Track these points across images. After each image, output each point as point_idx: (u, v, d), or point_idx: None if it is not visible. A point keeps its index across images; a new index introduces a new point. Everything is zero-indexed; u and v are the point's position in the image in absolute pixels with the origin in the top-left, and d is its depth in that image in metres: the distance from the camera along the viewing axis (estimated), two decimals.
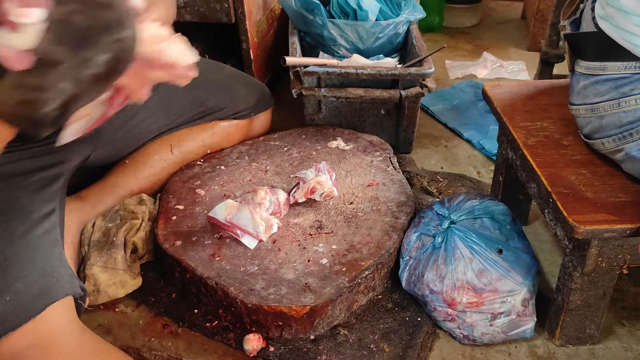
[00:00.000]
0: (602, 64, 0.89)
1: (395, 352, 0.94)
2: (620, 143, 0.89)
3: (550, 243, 1.22)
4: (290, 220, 1.09)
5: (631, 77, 0.86)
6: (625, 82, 0.87)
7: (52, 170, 0.98)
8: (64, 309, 0.79)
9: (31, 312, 0.75)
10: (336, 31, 1.49)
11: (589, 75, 0.92)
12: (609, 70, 0.88)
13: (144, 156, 1.21)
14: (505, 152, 1.14)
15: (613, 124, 0.89)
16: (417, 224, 1.05)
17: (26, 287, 0.77)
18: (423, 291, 0.97)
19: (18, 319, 0.74)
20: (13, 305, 0.75)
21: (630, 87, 0.86)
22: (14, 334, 0.74)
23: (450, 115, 1.67)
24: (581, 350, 0.99)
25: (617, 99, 0.88)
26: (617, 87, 0.87)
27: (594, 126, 0.93)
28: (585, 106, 0.93)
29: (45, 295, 0.77)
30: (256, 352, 0.94)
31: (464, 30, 2.31)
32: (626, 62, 0.86)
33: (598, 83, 0.90)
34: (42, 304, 0.76)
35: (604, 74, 0.89)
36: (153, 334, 1.00)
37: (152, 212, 1.15)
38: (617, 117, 0.88)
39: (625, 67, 0.86)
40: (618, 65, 0.87)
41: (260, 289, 0.94)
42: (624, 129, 0.88)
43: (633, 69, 0.85)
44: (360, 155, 1.28)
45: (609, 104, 0.89)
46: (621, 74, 0.87)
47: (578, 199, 0.87)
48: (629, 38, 0.84)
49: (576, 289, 0.91)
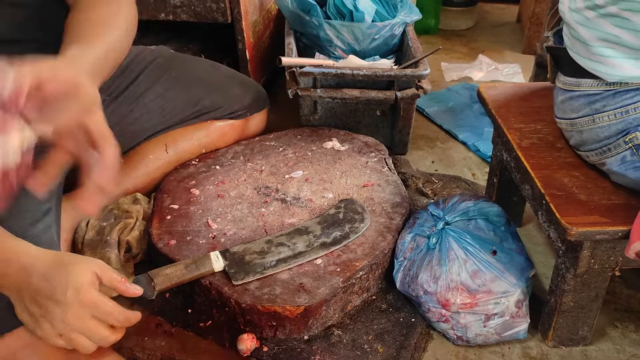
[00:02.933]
0: (576, 80, 0.90)
1: (389, 352, 0.94)
2: (602, 157, 0.90)
3: (543, 245, 1.22)
4: (284, 220, 1.09)
5: (602, 93, 0.87)
6: (597, 99, 0.87)
7: None
8: None
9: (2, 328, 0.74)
10: (332, 32, 1.49)
11: (565, 91, 0.93)
12: (582, 87, 0.89)
13: (139, 155, 1.21)
14: (499, 153, 1.14)
15: (592, 139, 0.90)
16: (411, 225, 1.05)
17: None
18: (417, 292, 0.98)
19: (16, 319, 0.73)
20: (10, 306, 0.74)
21: (602, 103, 0.87)
22: (10, 334, 0.73)
23: (445, 117, 1.68)
24: (574, 351, 0.99)
25: (591, 115, 0.89)
26: (590, 103, 0.88)
27: (577, 140, 0.94)
28: (565, 120, 0.95)
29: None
30: (250, 352, 0.94)
31: (460, 33, 2.32)
32: (597, 80, 0.87)
33: (573, 99, 0.91)
34: (8, 328, 0.75)
35: (578, 90, 0.90)
36: (146, 333, 0.99)
37: (147, 212, 1.15)
38: (595, 133, 0.89)
39: (597, 85, 0.87)
40: (589, 82, 0.88)
41: (254, 289, 0.94)
42: (603, 144, 0.89)
43: (604, 86, 0.87)
44: (355, 156, 1.29)
45: (584, 119, 0.90)
46: (593, 91, 0.88)
47: (571, 201, 0.88)
48: (591, 65, 0.86)
49: (569, 291, 0.92)
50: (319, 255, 0.99)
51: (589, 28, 0.85)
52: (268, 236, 1.04)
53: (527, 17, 2.15)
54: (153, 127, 1.22)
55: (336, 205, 1.11)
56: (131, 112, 1.18)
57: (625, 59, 0.83)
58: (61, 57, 0.67)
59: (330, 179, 1.21)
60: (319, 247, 1.01)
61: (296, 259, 0.98)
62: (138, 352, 0.95)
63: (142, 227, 1.11)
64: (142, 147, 1.22)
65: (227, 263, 0.96)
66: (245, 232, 1.06)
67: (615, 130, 0.86)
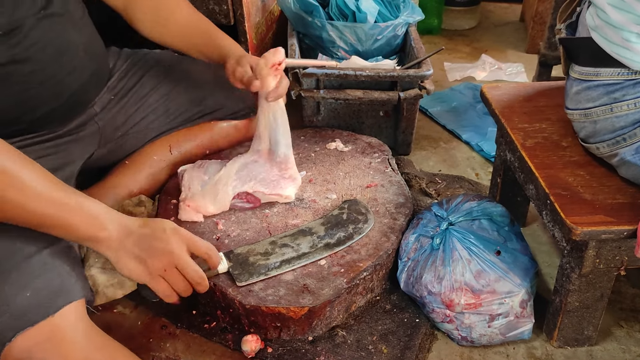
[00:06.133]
0: (595, 69, 0.90)
1: (394, 353, 0.94)
2: (615, 148, 0.90)
3: (548, 245, 1.22)
4: (288, 221, 1.09)
5: (623, 82, 0.87)
6: (617, 88, 0.87)
7: (61, 172, 0.99)
8: (78, 309, 0.80)
9: (50, 309, 0.76)
10: (335, 33, 1.49)
11: (582, 81, 0.92)
12: (601, 76, 0.89)
13: (143, 157, 1.22)
14: (503, 153, 1.14)
15: (606, 129, 0.90)
16: (415, 226, 1.05)
17: (46, 284, 0.77)
18: (421, 292, 0.98)
19: (37, 315, 0.75)
20: (33, 301, 0.75)
21: (622, 92, 0.87)
22: (31, 328, 0.75)
23: (448, 117, 1.67)
24: (579, 351, 0.99)
25: (610, 104, 0.88)
26: (608, 92, 0.88)
27: (589, 131, 0.93)
28: (579, 111, 0.94)
29: (64, 293, 0.78)
30: (254, 353, 0.94)
31: (463, 33, 2.31)
32: (618, 69, 0.87)
33: (590, 89, 0.91)
34: (61, 302, 0.77)
35: (597, 79, 0.89)
36: (151, 335, 0.99)
37: (151, 214, 1.15)
38: (610, 122, 0.89)
39: (618, 74, 0.87)
40: (610, 72, 0.88)
41: (259, 290, 0.94)
42: (617, 134, 0.88)
43: (625, 75, 0.86)
44: (358, 157, 1.29)
45: (601, 109, 0.89)
46: (613, 80, 0.87)
47: (576, 200, 0.88)
48: (618, 50, 0.85)
49: (574, 291, 0.92)
50: (323, 256, 0.99)
51: (623, 10, 0.83)
52: (272, 237, 1.04)
53: (530, 16, 2.14)
54: (158, 128, 1.22)
55: (340, 206, 1.11)
56: (136, 111, 1.19)
57: None
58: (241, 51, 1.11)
59: (333, 179, 1.21)
60: (322, 248, 1.01)
61: (300, 260, 0.98)
62: (143, 353, 0.95)
63: None
64: (146, 149, 1.23)
65: (231, 264, 0.96)
66: (249, 233, 1.06)
67: (632, 119, 0.86)
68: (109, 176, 1.19)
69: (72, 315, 0.78)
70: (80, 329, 0.79)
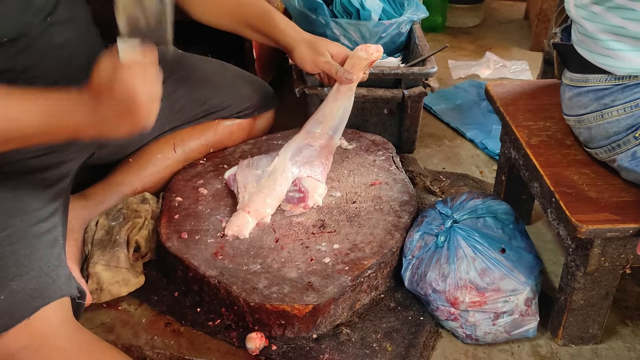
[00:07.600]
0: (584, 76, 0.90)
1: (398, 351, 0.94)
2: (612, 154, 0.89)
3: (553, 242, 1.22)
4: (293, 219, 1.09)
5: (611, 88, 0.87)
6: (606, 94, 0.87)
7: (58, 169, 0.99)
8: (60, 310, 0.78)
9: (25, 312, 0.74)
10: (339, 30, 1.49)
11: (573, 87, 0.93)
12: (590, 82, 0.89)
13: (148, 155, 1.22)
14: (507, 151, 1.14)
15: (601, 135, 0.90)
16: (419, 223, 1.05)
17: (22, 286, 0.76)
18: (426, 290, 0.97)
19: (12, 318, 0.74)
20: (7, 304, 0.74)
21: (611, 98, 0.87)
22: (7, 334, 0.73)
23: (452, 114, 1.67)
24: (584, 350, 0.99)
25: (600, 110, 0.88)
26: (598, 98, 0.88)
27: (585, 137, 0.93)
28: (573, 117, 0.94)
29: (40, 295, 0.76)
30: (259, 351, 0.94)
31: (467, 30, 2.31)
32: (605, 75, 0.87)
33: (581, 94, 0.91)
34: (38, 304, 0.76)
35: (586, 85, 0.90)
36: (156, 332, 1.00)
37: (155, 211, 1.15)
38: (604, 129, 0.88)
39: (605, 80, 0.87)
40: (598, 78, 0.88)
41: (263, 288, 0.94)
42: (612, 140, 0.88)
43: (612, 80, 0.86)
44: (363, 155, 1.28)
45: (592, 115, 0.89)
46: (601, 86, 0.87)
47: (581, 198, 0.87)
48: (600, 59, 0.86)
49: (579, 289, 0.91)
50: None
51: (596, 22, 0.85)
52: None
53: (534, 13, 2.13)
54: (161, 126, 1.22)
55: None
56: None
57: (634, 52, 0.83)
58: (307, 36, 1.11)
59: (337, 177, 1.20)
60: None
61: None
62: (147, 351, 0.96)
63: (150, 226, 1.12)
64: (150, 147, 1.23)
65: None
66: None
67: (624, 125, 0.86)
68: (113, 174, 1.19)
69: (53, 317, 0.76)
70: (63, 332, 0.76)
